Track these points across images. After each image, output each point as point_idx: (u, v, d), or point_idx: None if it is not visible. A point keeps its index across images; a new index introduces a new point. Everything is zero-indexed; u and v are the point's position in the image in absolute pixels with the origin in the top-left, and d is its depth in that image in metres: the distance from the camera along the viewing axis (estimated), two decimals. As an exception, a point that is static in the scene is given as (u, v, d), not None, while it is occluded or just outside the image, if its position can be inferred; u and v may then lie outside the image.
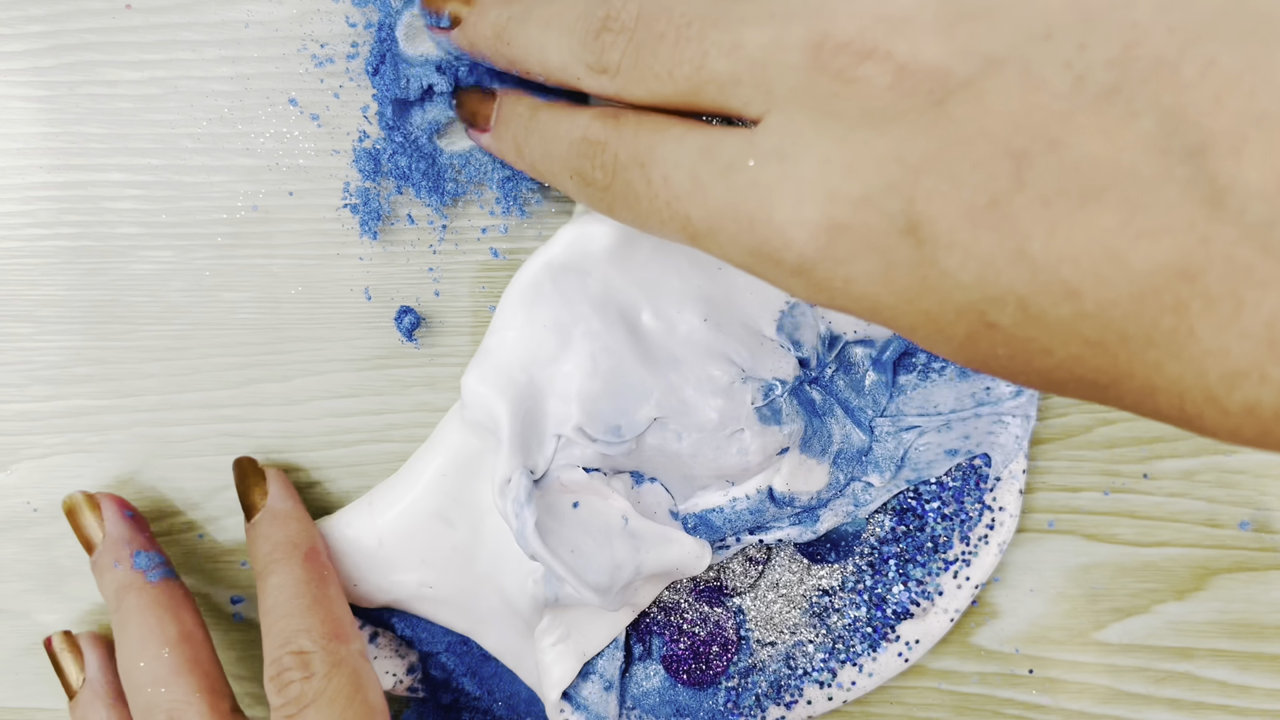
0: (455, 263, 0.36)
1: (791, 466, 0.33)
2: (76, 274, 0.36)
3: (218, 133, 0.35)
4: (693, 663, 0.34)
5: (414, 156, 0.34)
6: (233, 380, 0.36)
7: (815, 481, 0.33)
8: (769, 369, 0.32)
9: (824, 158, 0.22)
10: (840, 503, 0.34)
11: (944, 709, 0.38)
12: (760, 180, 0.23)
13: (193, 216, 0.35)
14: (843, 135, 0.22)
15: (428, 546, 0.33)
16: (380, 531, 0.34)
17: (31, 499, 0.37)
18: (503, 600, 0.34)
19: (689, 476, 0.33)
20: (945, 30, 0.21)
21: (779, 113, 0.23)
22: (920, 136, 0.21)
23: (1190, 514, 0.36)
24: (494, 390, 0.31)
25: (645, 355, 0.31)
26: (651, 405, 0.31)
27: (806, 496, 0.33)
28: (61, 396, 0.37)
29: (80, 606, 0.37)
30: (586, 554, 0.31)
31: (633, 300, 0.31)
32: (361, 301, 0.36)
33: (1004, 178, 0.21)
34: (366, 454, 0.37)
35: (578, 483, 0.31)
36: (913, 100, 0.22)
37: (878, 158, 0.22)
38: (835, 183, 0.22)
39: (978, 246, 0.21)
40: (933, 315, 0.22)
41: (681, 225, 0.25)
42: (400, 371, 0.36)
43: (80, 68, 0.35)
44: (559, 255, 0.31)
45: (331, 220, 0.35)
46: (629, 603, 0.33)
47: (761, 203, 0.23)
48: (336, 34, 0.34)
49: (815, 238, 0.23)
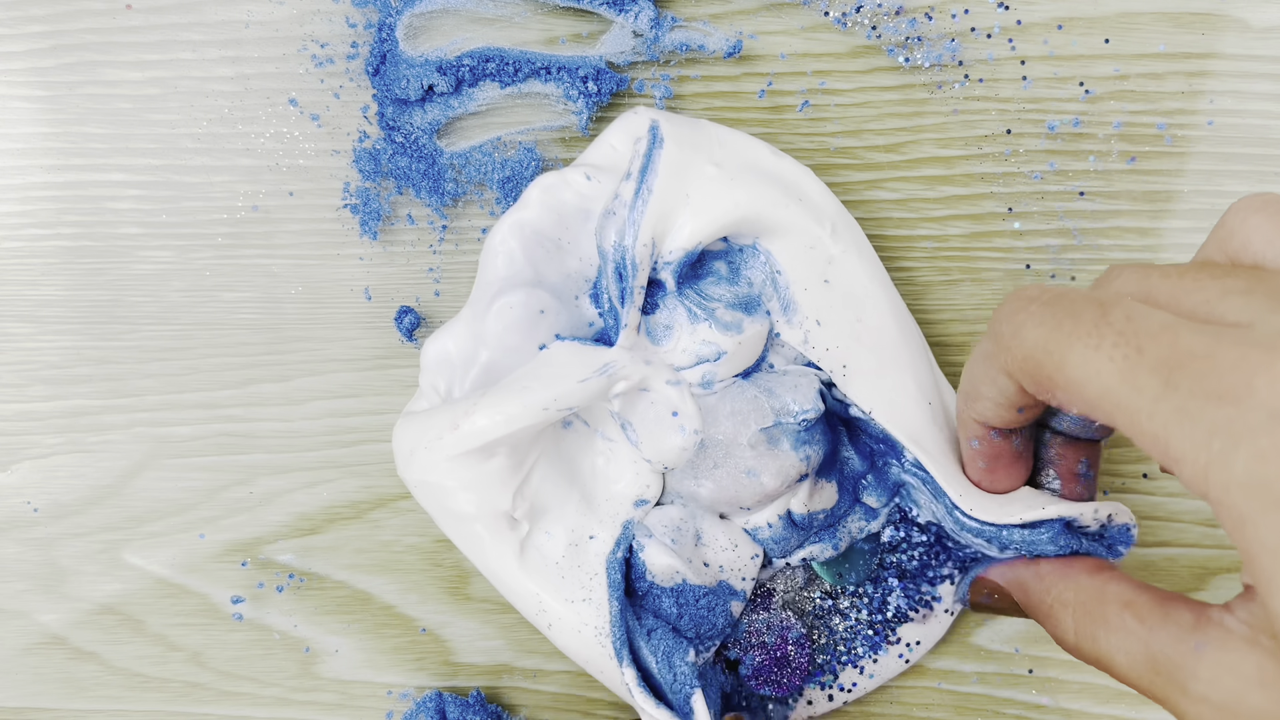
0: (455, 263, 0.36)
1: (807, 487, 0.33)
2: (76, 274, 0.36)
3: (218, 133, 0.35)
4: (775, 670, 0.34)
5: (414, 156, 0.34)
6: (233, 380, 0.36)
7: (827, 499, 0.33)
8: (791, 400, 0.32)
9: None
10: (852, 518, 0.34)
11: (944, 709, 0.38)
12: None
13: (193, 216, 0.35)
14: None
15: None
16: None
17: (32, 499, 0.37)
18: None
19: (709, 507, 0.33)
20: None
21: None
22: None
23: (1190, 514, 0.36)
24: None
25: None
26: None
27: (822, 515, 0.33)
28: (61, 396, 0.36)
29: (80, 606, 0.37)
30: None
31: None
32: (361, 301, 0.36)
33: None
34: (366, 454, 0.37)
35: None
36: None
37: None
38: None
39: None
40: None
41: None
42: (400, 371, 0.36)
43: (80, 68, 0.35)
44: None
45: (331, 220, 0.35)
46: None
47: None
48: (336, 34, 0.34)
49: None
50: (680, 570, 0.32)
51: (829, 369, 0.32)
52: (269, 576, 0.37)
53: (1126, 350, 0.22)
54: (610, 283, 0.32)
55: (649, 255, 0.31)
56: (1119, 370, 0.22)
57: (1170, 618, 0.24)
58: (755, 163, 0.32)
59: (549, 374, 0.30)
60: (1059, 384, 0.24)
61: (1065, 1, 0.34)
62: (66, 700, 0.38)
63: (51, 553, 0.37)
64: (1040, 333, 0.24)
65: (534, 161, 0.34)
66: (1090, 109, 0.34)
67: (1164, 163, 0.35)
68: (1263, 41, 0.34)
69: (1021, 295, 0.26)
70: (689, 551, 0.32)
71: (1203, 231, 0.35)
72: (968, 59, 0.34)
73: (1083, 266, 0.35)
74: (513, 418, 0.30)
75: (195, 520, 0.37)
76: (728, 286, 0.33)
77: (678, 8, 0.34)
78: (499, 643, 0.37)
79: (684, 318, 0.32)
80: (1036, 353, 0.24)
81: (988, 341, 0.26)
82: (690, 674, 0.31)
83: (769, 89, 0.34)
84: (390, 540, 0.37)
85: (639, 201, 0.31)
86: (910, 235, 0.35)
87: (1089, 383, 0.23)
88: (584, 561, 0.32)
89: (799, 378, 0.33)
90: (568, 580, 0.32)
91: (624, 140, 0.32)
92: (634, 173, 0.31)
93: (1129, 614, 0.25)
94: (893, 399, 0.32)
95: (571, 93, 0.34)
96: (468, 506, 0.31)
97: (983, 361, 0.27)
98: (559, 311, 0.32)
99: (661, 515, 0.33)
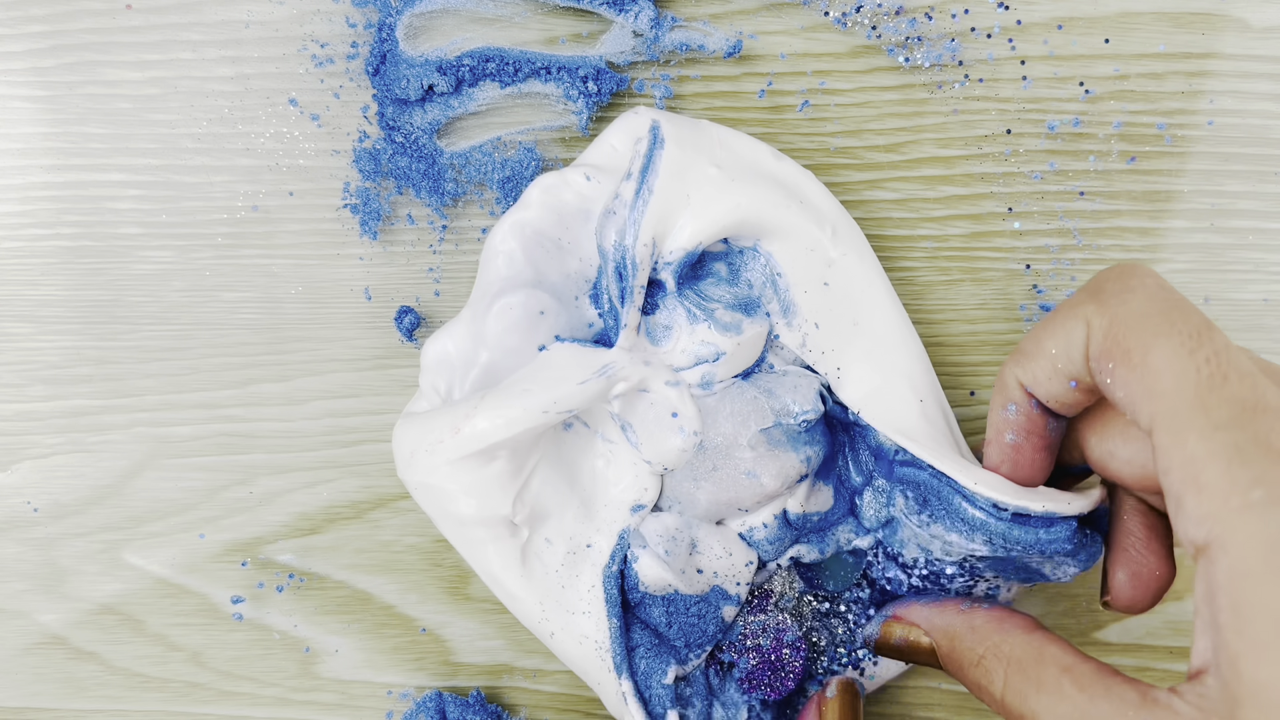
0: (455, 263, 0.36)
1: (805, 488, 0.33)
2: (76, 274, 0.36)
3: (218, 133, 0.35)
4: (769, 674, 0.33)
5: (414, 156, 0.34)
6: (233, 380, 0.36)
7: (823, 502, 0.33)
8: (791, 401, 0.32)
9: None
10: (843, 528, 0.34)
11: (944, 709, 0.38)
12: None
13: (193, 216, 0.35)
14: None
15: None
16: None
17: (32, 499, 0.37)
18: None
19: (706, 513, 0.33)
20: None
21: None
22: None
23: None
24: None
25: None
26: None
27: (817, 517, 0.33)
28: (61, 396, 0.37)
29: (80, 606, 0.37)
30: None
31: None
32: (361, 301, 0.36)
33: None
34: (366, 454, 0.37)
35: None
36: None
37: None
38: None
39: None
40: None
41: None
42: (400, 371, 0.36)
43: (80, 68, 0.35)
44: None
45: (331, 220, 0.35)
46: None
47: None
48: (336, 34, 0.34)
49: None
50: (672, 582, 0.32)
51: (824, 371, 0.32)
52: (269, 576, 0.37)
53: (1213, 370, 0.23)
54: (610, 282, 0.32)
55: (649, 255, 0.31)
56: (1196, 381, 0.23)
57: (1113, 691, 0.24)
58: (756, 164, 0.32)
59: (548, 376, 0.30)
60: (1134, 360, 0.24)
61: (1065, 1, 0.34)
62: (66, 700, 0.38)
63: (51, 553, 0.37)
64: (1147, 305, 0.25)
65: (534, 161, 0.34)
66: (1090, 109, 0.34)
67: (1164, 163, 0.35)
68: (1263, 41, 0.34)
69: (1140, 267, 0.26)
70: (682, 561, 0.32)
71: (1203, 231, 0.35)
72: (968, 59, 0.34)
73: (1083, 266, 0.35)
74: (513, 421, 0.30)
75: (195, 520, 0.37)
76: (727, 288, 0.33)
77: (678, 8, 0.34)
78: (499, 643, 0.37)
79: (683, 318, 0.32)
80: (1132, 320, 0.25)
81: (1081, 293, 0.27)
82: (667, 695, 0.32)
83: (769, 89, 0.34)
84: (390, 540, 0.37)
85: (639, 201, 0.31)
86: (910, 235, 0.35)
87: (1163, 375, 0.23)
88: (582, 572, 0.32)
89: (799, 379, 0.32)
90: (568, 591, 0.32)
91: (624, 140, 0.32)
92: (634, 173, 0.31)
93: (1068, 679, 0.25)
94: (889, 403, 0.32)
95: (571, 93, 0.34)
96: (468, 510, 0.31)
97: (1065, 311, 0.27)
98: (559, 312, 0.32)
99: (657, 524, 0.32)
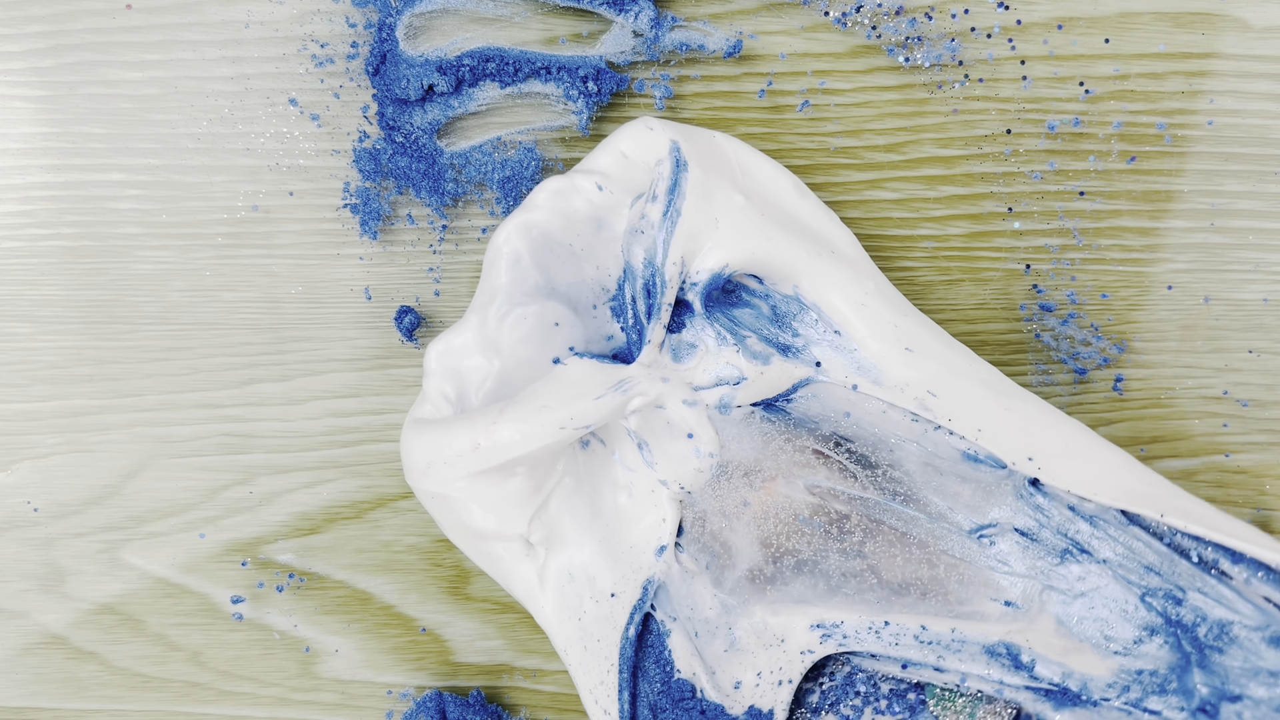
0: (455, 263, 0.36)
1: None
2: (76, 274, 0.36)
3: (218, 133, 0.35)
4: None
5: (414, 156, 0.34)
6: (233, 380, 0.36)
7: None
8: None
9: None
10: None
11: (944, 709, 0.38)
12: None
13: (193, 216, 0.35)
14: None
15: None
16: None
17: (32, 499, 0.37)
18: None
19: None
20: None
21: None
22: None
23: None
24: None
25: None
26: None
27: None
28: (61, 396, 0.37)
29: (80, 606, 0.37)
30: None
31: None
32: (361, 301, 0.36)
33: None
34: (366, 454, 0.37)
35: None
36: None
37: None
38: None
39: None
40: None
41: None
42: (400, 371, 0.36)
43: (80, 68, 0.35)
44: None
45: (331, 220, 0.35)
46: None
47: None
48: (336, 34, 0.34)
49: None
50: (699, 675, 0.32)
51: (921, 412, 0.32)
52: (269, 576, 0.37)
53: None
54: (639, 297, 0.32)
55: (678, 274, 0.31)
56: None
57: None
58: (781, 200, 0.32)
59: (565, 392, 0.30)
60: None
61: (1065, 1, 0.34)
62: (66, 700, 0.38)
63: (51, 553, 0.37)
64: None
65: (534, 161, 0.34)
66: (1090, 109, 0.34)
67: (1164, 163, 0.35)
68: (1263, 41, 0.34)
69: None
70: (716, 658, 0.32)
71: (1203, 231, 0.35)
72: (968, 59, 0.34)
73: (1083, 266, 0.35)
74: (530, 436, 0.30)
75: (195, 520, 0.37)
76: (768, 324, 0.33)
77: (678, 8, 0.34)
78: (499, 643, 0.37)
79: (711, 339, 0.32)
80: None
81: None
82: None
83: (769, 89, 0.34)
84: (390, 540, 0.37)
85: (667, 222, 0.31)
86: (910, 235, 0.35)
87: None
88: (604, 634, 0.32)
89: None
90: (590, 653, 0.32)
91: (636, 150, 0.32)
92: (660, 195, 0.31)
93: None
94: (983, 422, 0.32)
95: (571, 93, 0.34)
96: (486, 525, 0.31)
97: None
98: (575, 324, 0.32)
99: (696, 604, 0.32)
